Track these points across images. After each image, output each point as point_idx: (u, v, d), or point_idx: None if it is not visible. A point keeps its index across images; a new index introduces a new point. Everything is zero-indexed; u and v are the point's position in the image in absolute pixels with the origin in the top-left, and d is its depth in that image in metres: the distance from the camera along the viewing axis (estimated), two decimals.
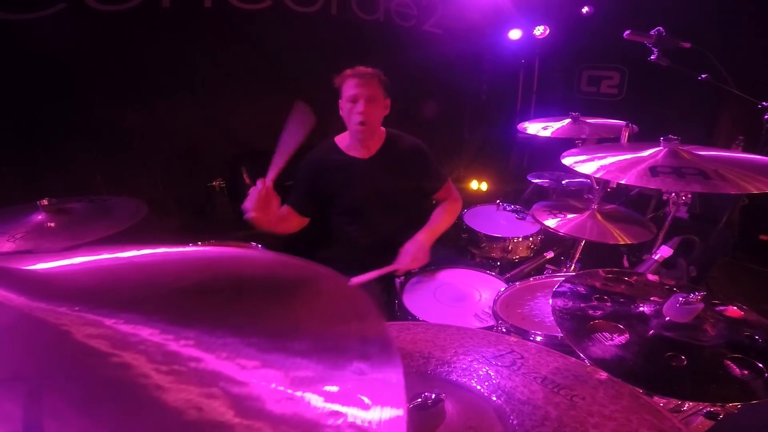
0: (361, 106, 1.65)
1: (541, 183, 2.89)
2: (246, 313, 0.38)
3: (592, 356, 0.79)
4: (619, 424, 0.57)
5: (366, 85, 1.67)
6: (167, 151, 2.54)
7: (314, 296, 0.42)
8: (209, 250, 0.58)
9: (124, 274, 0.42)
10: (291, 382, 0.29)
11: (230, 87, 2.68)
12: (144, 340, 0.30)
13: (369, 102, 1.67)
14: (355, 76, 1.67)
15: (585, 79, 3.94)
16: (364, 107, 1.66)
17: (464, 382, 0.68)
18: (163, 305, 0.36)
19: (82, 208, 1.38)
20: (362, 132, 1.71)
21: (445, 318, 1.45)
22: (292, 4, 2.76)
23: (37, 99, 2.09)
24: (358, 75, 1.67)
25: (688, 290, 0.90)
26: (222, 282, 0.43)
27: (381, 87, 1.71)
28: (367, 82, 1.67)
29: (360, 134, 1.72)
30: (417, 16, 3.40)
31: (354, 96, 1.66)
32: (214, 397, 0.26)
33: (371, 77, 1.68)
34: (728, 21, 2.88)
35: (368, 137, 1.77)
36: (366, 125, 1.68)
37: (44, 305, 0.32)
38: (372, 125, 1.72)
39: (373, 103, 1.68)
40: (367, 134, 1.75)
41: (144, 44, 2.33)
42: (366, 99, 1.66)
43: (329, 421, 0.27)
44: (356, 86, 1.66)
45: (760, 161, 1.26)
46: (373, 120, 1.71)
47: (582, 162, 1.40)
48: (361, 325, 0.37)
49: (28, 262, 0.41)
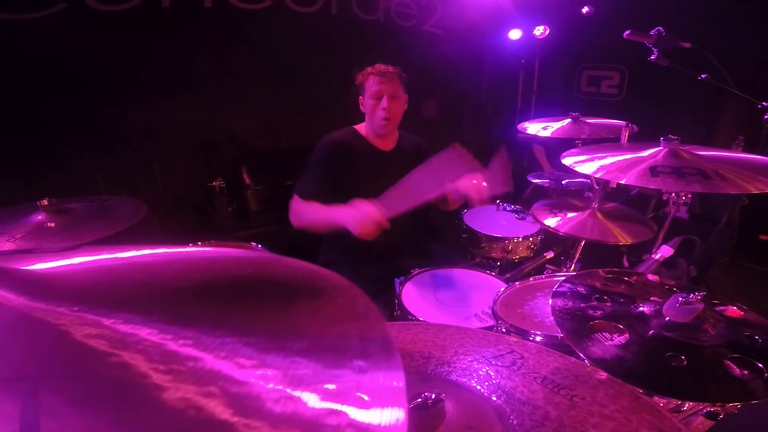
0: (385, 102, 1.76)
1: (541, 183, 2.89)
2: (245, 312, 0.38)
3: (592, 356, 0.79)
4: (619, 424, 0.57)
5: (388, 83, 1.77)
6: (167, 151, 2.54)
7: (313, 296, 0.42)
8: (209, 250, 0.58)
9: (124, 274, 0.42)
10: (290, 382, 0.29)
11: (230, 87, 2.68)
12: (143, 339, 0.30)
13: (391, 99, 1.77)
14: (377, 74, 1.76)
15: (585, 79, 3.94)
16: (388, 103, 1.77)
17: (464, 382, 0.68)
18: (161, 305, 0.36)
19: (82, 208, 1.38)
20: (386, 126, 1.82)
21: (445, 318, 1.45)
22: (292, 4, 2.77)
23: (37, 99, 2.09)
24: (380, 73, 1.77)
25: (688, 290, 0.90)
26: (221, 282, 0.43)
27: (401, 84, 1.81)
28: (389, 80, 1.77)
29: (384, 129, 1.83)
30: (417, 16, 3.40)
31: (377, 92, 1.77)
32: (212, 397, 0.26)
33: (392, 75, 1.78)
34: (728, 21, 2.89)
35: (391, 131, 1.88)
36: (390, 120, 1.80)
37: (43, 305, 0.32)
38: (395, 120, 1.83)
39: (395, 100, 1.79)
40: (391, 128, 1.86)
41: (144, 44, 2.33)
42: (389, 96, 1.77)
43: (328, 420, 0.27)
44: (379, 83, 1.76)
45: (760, 161, 1.26)
46: (396, 115, 1.82)
47: (582, 162, 1.40)
48: (361, 325, 0.37)
49: (27, 262, 0.41)
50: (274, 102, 2.87)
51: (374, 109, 1.79)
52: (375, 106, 1.79)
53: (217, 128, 2.71)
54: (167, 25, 2.37)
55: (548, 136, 2.22)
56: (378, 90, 1.76)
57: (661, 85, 3.23)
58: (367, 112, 1.84)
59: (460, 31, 3.60)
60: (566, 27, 3.73)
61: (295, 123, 2.97)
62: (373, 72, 1.78)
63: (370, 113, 1.83)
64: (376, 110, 1.79)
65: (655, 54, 1.78)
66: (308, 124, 2.94)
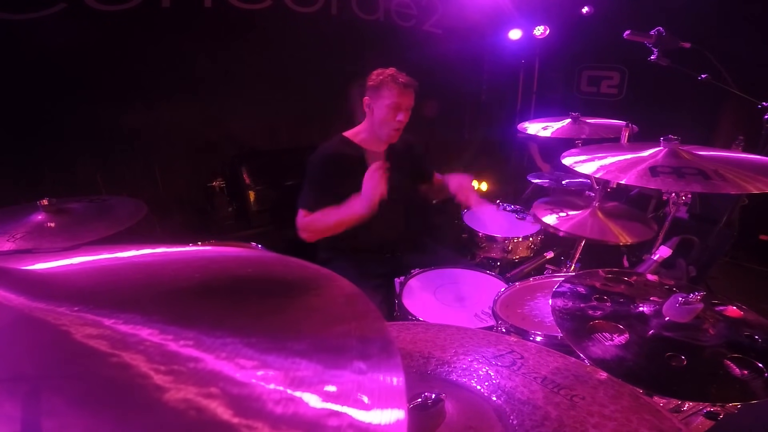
0: (402, 116, 1.78)
1: (541, 183, 2.89)
2: (245, 313, 0.38)
3: (592, 356, 0.79)
4: (619, 424, 0.57)
5: (407, 96, 1.78)
6: (167, 151, 2.54)
7: (314, 296, 0.42)
8: (209, 250, 0.58)
9: (124, 274, 0.42)
10: (290, 382, 0.29)
11: (230, 87, 2.68)
12: (143, 340, 0.30)
13: (407, 112, 1.80)
14: (400, 85, 1.75)
15: (585, 79, 3.94)
16: (404, 117, 1.79)
17: (464, 382, 0.68)
18: (162, 305, 0.36)
19: (82, 208, 1.38)
20: (396, 135, 1.84)
21: (445, 318, 1.45)
22: (292, 4, 2.77)
23: (38, 99, 2.09)
24: (403, 85, 1.76)
25: (688, 290, 0.90)
26: (222, 282, 0.43)
27: (415, 96, 1.82)
28: (408, 93, 1.77)
29: (393, 138, 1.85)
30: (417, 16, 3.40)
31: (397, 104, 1.76)
32: (213, 397, 0.26)
33: (411, 87, 1.79)
34: (728, 21, 2.88)
35: (394, 140, 1.89)
36: (401, 131, 1.84)
37: (44, 305, 0.32)
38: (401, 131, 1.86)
39: (408, 113, 1.81)
40: (396, 138, 1.87)
41: (144, 44, 2.33)
42: (405, 110, 1.79)
43: (329, 421, 0.27)
44: (400, 95, 1.76)
45: (760, 161, 1.26)
46: (403, 126, 1.84)
47: (582, 162, 1.40)
48: (361, 325, 0.37)
49: (27, 262, 0.41)
50: (274, 102, 2.87)
51: (387, 118, 1.77)
52: (389, 116, 1.77)
53: (217, 128, 2.71)
54: (167, 25, 2.37)
55: (547, 136, 2.22)
56: (398, 102, 1.75)
57: (661, 85, 3.23)
58: (377, 118, 1.81)
59: (460, 31, 3.60)
60: (566, 27, 3.73)
61: (295, 123, 2.97)
62: (394, 81, 1.74)
63: (380, 120, 1.80)
64: (389, 120, 1.77)
65: (655, 54, 1.78)
66: (308, 124, 2.95)
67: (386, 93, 1.75)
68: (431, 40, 3.50)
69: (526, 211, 2.27)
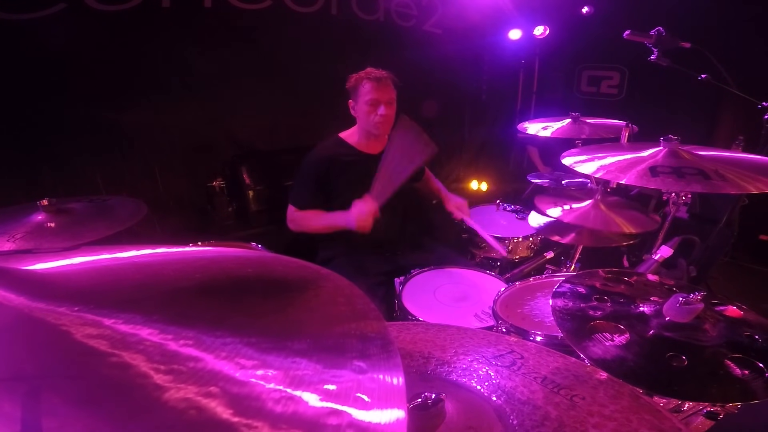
0: (383, 110, 1.76)
1: (540, 183, 2.88)
2: (245, 313, 0.38)
3: (592, 356, 0.79)
4: (619, 424, 0.57)
5: (383, 89, 1.76)
6: (167, 151, 2.53)
7: (314, 296, 0.42)
8: (209, 250, 0.58)
9: (124, 274, 0.42)
10: (290, 382, 0.29)
11: (230, 87, 2.68)
12: (143, 339, 0.30)
13: (388, 105, 1.77)
14: (372, 80, 1.75)
15: (585, 79, 3.94)
16: (386, 110, 1.76)
17: (464, 382, 0.68)
18: (162, 305, 0.36)
19: (82, 208, 1.38)
20: (382, 127, 1.81)
21: (445, 318, 1.45)
22: (292, 4, 2.76)
23: (38, 99, 2.09)
24: (374, 79, 1.75)
25: (688, 290, 0.90)
26: (222, 282, 0.43)
27: (395, 88, 1.80)
28: (384, 86, 1.76)
29: (380, 129, 1.82)
30: (417, 16, 3.39)
31: (373, 100, 1.75)
32: (213, 397, 0.26)
33: (387, 81, 1.77)
34: (728, 21, 2.88)
35: (387, 131, 1.86)
36: (385, 125, 1.81)
37: (44, 305, 0.32)
38: (389, 124, 1.83)
39: (390, 105, 1.79)
40: (387, 129, 1.84)
41: (144, 44, 2.33)
42: (386, 103, 1.76)
43: (329, 420, 0.27)
44: (374, 90, 1.75)
45: (760, 161, 1.25)
46: (390, 119, 1.81)
47: (582, 162, 1.40)
48: (361, 325, 0.37)
49: (27, 262, 0.41)
50: (274, 102, 2.87)
51: (369, 115, 1.78)
52: (370, 113, 1.77)
53: (217, 128, 2.71)
54: (167, 25, 2.37)
55: (547, 137, 2.22)
56: (374, 98, 1.75)
57: (661, 85, 3.23)
58: (360, 117, 1.83)
59: (460, 31, 3.59)
60: (566, 27, 3.73)
61: (295, 123, 2.97)
62: (367, 78, 1.75)
63: (363, 118, 1.81)
64: (371, 116, 1.78)
65: (655, 54, 1.78)
66: (308, 124, 2.94)
67: (362, 91, 1.77)
68: (431, 40, 3.50)
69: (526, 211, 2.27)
